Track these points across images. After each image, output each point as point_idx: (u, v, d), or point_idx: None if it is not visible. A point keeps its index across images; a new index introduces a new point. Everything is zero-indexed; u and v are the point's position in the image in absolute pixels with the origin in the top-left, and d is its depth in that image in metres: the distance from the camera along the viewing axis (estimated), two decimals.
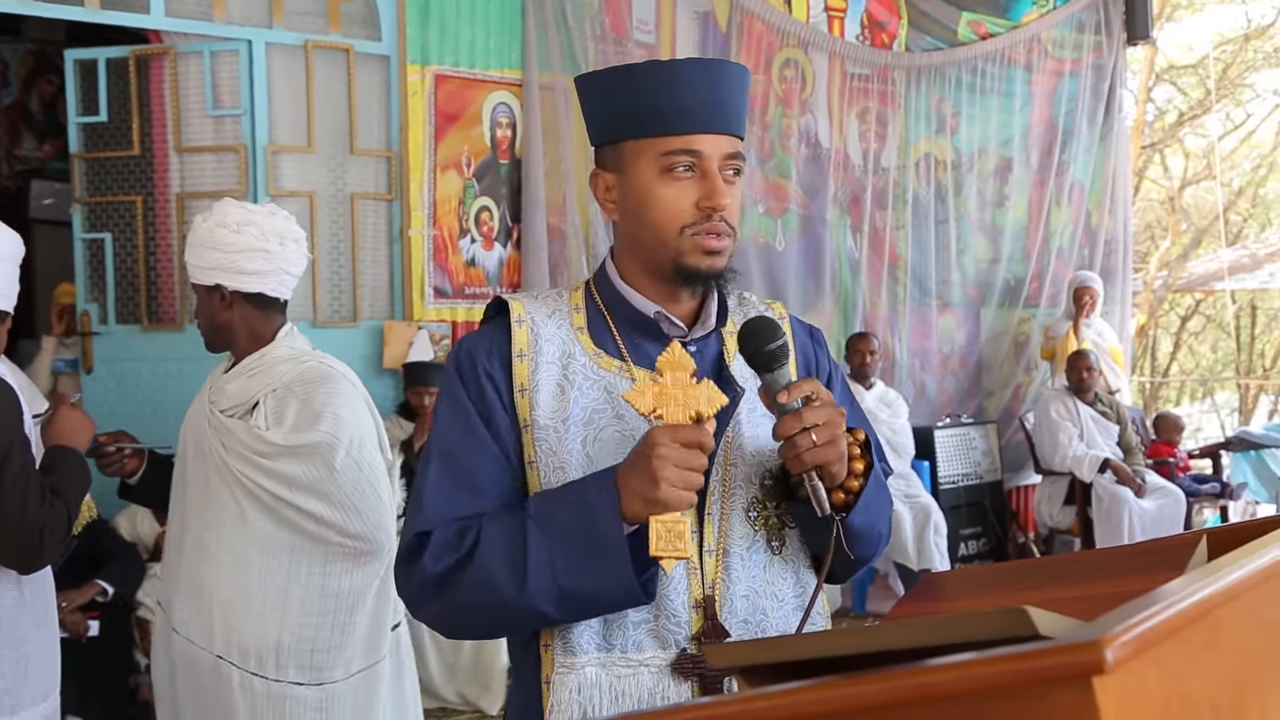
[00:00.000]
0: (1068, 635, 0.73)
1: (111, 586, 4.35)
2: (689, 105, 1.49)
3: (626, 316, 1.59)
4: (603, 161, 1.58)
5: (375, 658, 2.68)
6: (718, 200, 1.49)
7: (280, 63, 5.15)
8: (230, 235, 2.57)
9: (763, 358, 1.46)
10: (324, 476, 2.52)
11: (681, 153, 1.49)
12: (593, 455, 1.51)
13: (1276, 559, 0.97)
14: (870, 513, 1.53)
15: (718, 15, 6.44)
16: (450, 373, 1.58)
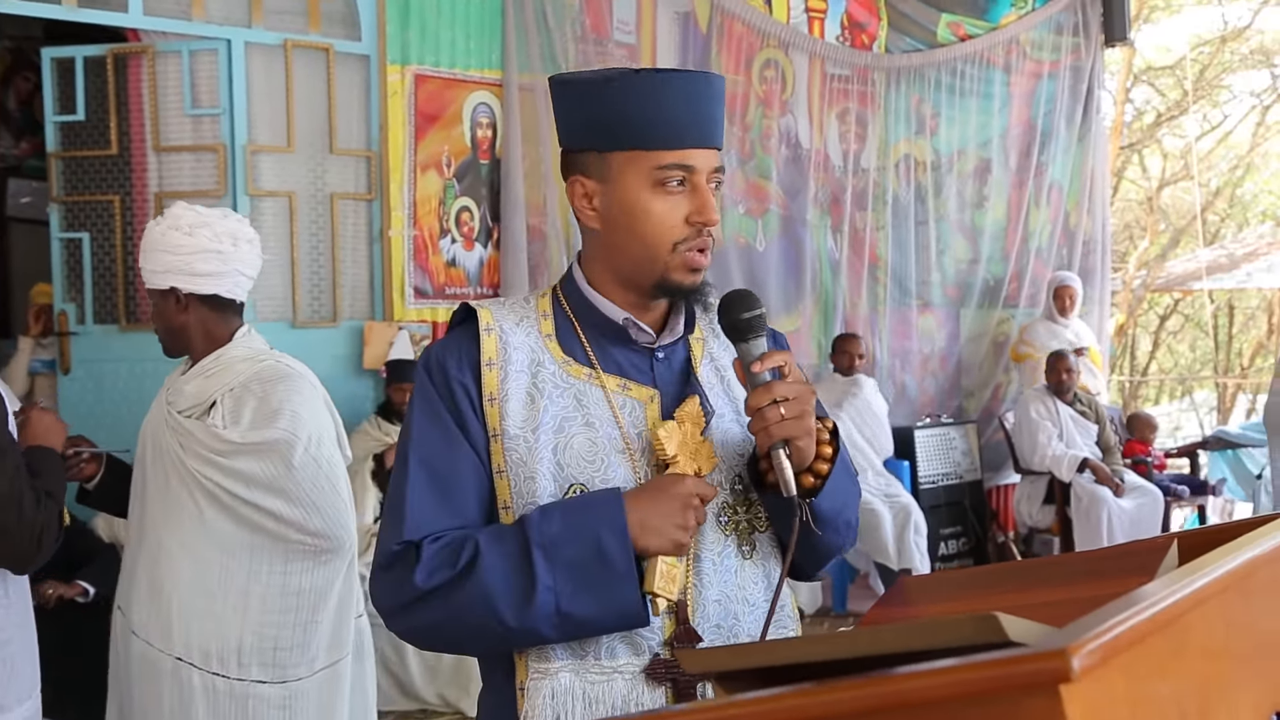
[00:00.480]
0: (1035, 643, 0.74)
1: (93, 587, 4.32)
2: (682, 119, 1.49)
3: (595, 323, 1.59)
4: (583, 168, 1.56)
5: (339, 654, 2.69)
6: (710, 215, 1.51)
7: (259, 62, 5.13)
8: (182, 238, 2.57)
9: (740, 325, 1.50)
10: (282, 474, 2.52)
11: (675, 167, 1.49)
12: (563, 463, 1.51)
13: (1242, 563, 0.98)
14: (837, 499, 1.55)
15: (698, 16, 6.44)
16: (422, 379, 1.58)
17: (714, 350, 1.66)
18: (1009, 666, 0.69)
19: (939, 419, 7.42)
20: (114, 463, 2.82)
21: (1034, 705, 0.69)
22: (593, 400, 1.55)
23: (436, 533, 1.48)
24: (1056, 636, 0.73)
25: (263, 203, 5.16)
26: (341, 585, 2.68)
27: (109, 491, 2.78)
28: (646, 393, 1.57)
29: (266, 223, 5.17)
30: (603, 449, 1.52)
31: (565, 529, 1.43)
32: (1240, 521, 1.32)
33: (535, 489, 1.50)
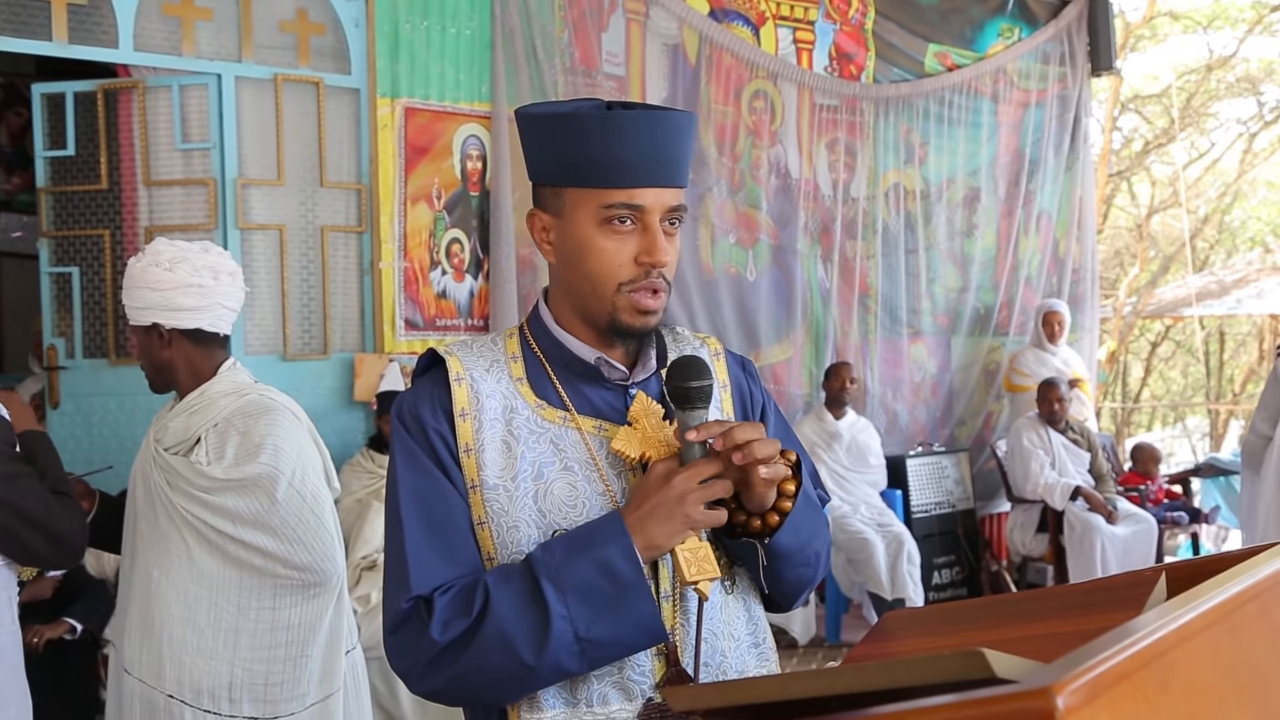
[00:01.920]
0: (1021, 680, 0.73)
1: (80, 624, 4.30)
2: (633, 158, 1.45)
3: (566, 363, 1.57)
4: (541, 202, 1.55)
5: (331, 689, 2.67)
6: (658, 256, 1.48)
7: (250, 96, 5.15)
8: (163, 273, 2.57)
9: (683, 393, 1.47)
10: (266, 509, 2.52)
11: (623, 206, 1.47)
12: (545, 510, 1.49)
13: (1229, 598, 0.98)
14: (801, 534, 1.53)
15: (687, 48, 6.48)
16: (398, 430, 1.55)
17: None
18: (994, 705, 0.69)
19: (931, 448, 7.42)
20: (107, 500, 2.83)
21: None
22: (569, 444, 1.53)
23: (445, 584, 1.45)
24: (1042, 673, 0.72)
25: (253, 236, 5.16)
26: (331, 619, 2.67)
27: (102, 529, 2.78)
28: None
29: (257, 256, 5.18)
30: (583, 493, 1.51)
31: (570, 556, 1.41)
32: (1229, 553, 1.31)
33: (519, 538, 1.48)
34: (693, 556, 1.44)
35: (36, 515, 2.42)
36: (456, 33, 5.59)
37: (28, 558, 2.51)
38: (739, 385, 1.71)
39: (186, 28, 5.02)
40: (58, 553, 2.48)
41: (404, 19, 5.42)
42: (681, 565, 1.43)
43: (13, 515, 2.40)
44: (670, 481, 1.44)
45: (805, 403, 7.01)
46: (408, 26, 5.43)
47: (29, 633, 4.03)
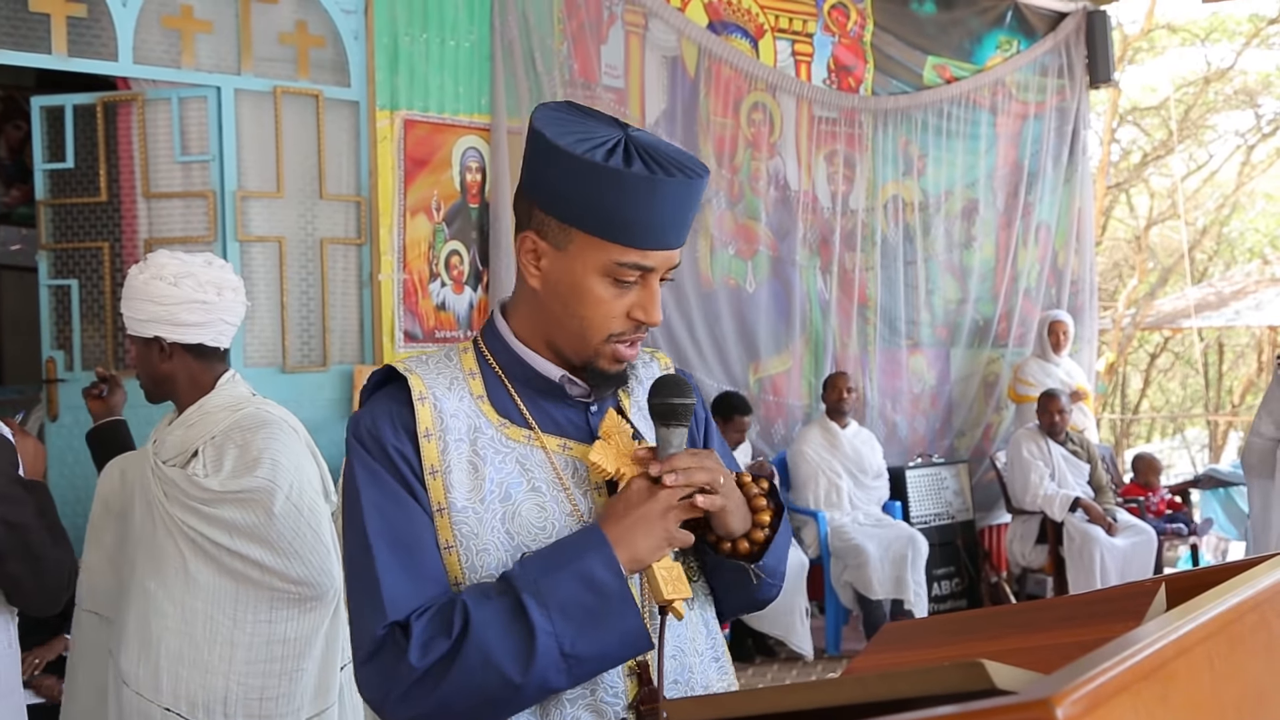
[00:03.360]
0: (1021, 692, 0.73)
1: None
2: (656, 223, 1.43)
3: (527, 380, 1.54)
4: (541, 229, 1.48)
5: (325, 704, 2.66)
6: (654, 316, 1.47)
7: (249, 108, 5.16)
8: (167, 288, 2.56)
9: (667, 409, 1.47)
10: (263, 522, 2.51)
11: (634, 267, 1.44)
12: (513, 532, 1.47)
13: (1228, 609, 0.98)
14: (777, 556, 1.56)
15: (686, 61, 6.50)
16: (357, 450, 1.49)
17: (640, 399, 1.62)
18: (994, 717, 0.69)
19: (930, 459, 7.42)
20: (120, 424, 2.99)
21: None
22: (535, 464, 1.51)
23: (420, 607, 1.40)
24: (1041, 685, 0.72)
25: (252, 248, 5.17)
26: (327, 633, 2.66)
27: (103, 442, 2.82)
28: (589, 450, 1.53)
29: (256, 268, 5.18)
30: (551, 514, 1.48)
31: (548, 570, 1.38)
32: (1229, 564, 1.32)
33: (488, 561, 1.45)
34: (669, 575, 1.42)
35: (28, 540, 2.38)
36: (456, 45, 5.61)
37: (9, 587, 2.43)
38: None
39: (186, 40, 5.03)
40: (39, 590, 2.40)
41: (403, 31, 5.44)
42: (659, 583, 1.41)
43: (7, 535, 2.35)
44: (656, 495, 1.42)
45: (805, 414, 7.01)
46: (407, 39, 5.45)
47: (28, 656, 4.00)
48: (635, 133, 1.47)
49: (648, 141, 1.46)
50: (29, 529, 2.34)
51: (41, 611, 2.43)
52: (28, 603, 2.41)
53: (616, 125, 1.47)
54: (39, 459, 2.59)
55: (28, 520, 2.35)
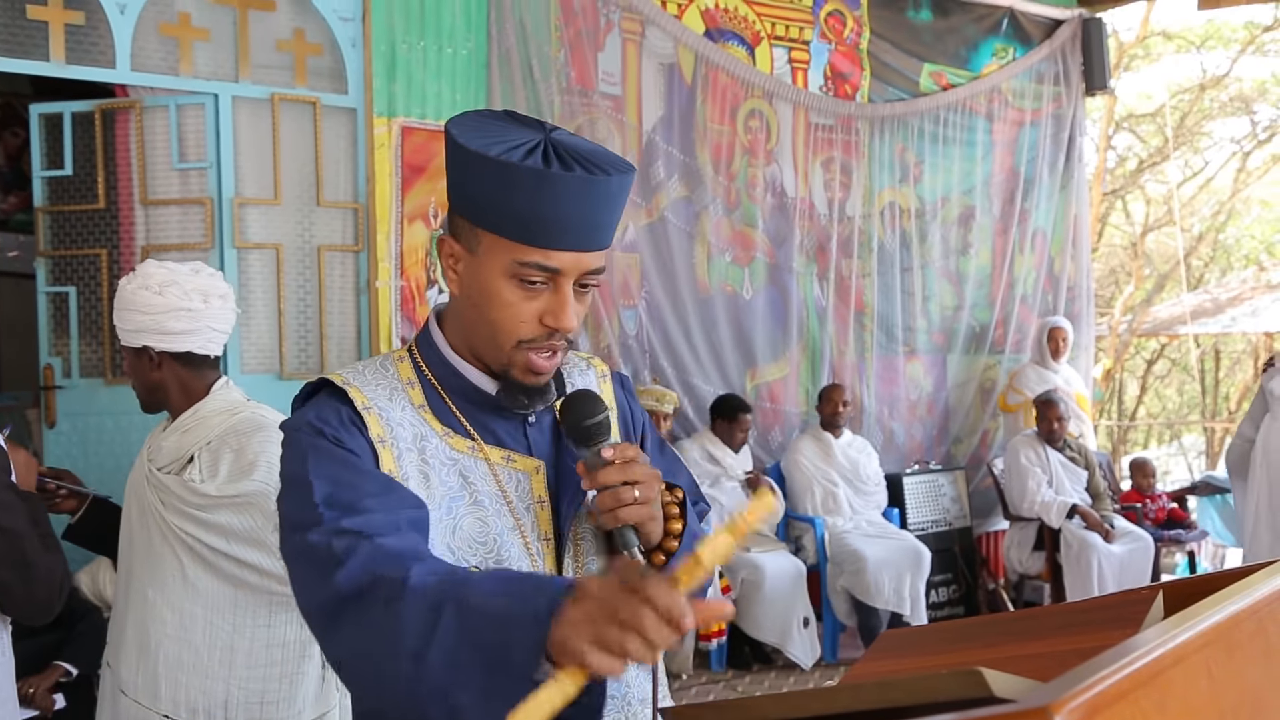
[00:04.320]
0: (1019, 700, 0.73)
1: (75, 669, 4.21)
2: (558, 220, 1.37)
3: (464, 392, 1.51)
4: (455, 231, 1.46)
5: (326, 706, 2.66)
6: (564, 321, 1.42)
7: (246, 116, 5.16)
8: (153, 297, 2.56)
9: (581, 432, 1.44)
10: (260, 526, 2.51)
11: (536, 267, 1.39)
12: (453, 547, 1.43)
13: (1226, 618, 0.98)
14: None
15: (683, 67, 6.51)
16: (297, 440, 1.42)
17: None
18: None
19: (927, 465, 7.43)
20: (100, 503, 2.82)
21: None
22: (478, 476, 1.48)
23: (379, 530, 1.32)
24: (1040, 693, 0.72)
25: (249, 255, 5.17)
26: None
27: (91, 529, 2.77)
28: (532, 464, 1.52)
29: (254, 275, 5.19)
30: (493, 529, 1.46)
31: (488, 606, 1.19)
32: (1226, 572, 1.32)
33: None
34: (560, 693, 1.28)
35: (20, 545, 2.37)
36: (453, 52, 5.62)
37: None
38: (622, 408, 1.68)
39: (184, 48, 5.03)
40: (30, 597, 2.37)
41: (400, 39, 5.44)
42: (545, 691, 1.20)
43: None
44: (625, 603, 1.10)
45: (802, 420, 7.02)
46: (404, 46, 5.45)
47: (23, 685, 3.97)
48: (557, 135, 1.42)
49: (567, 143, 1.41)
50: (21, 535, 2.33)
51: (32, 620, 2.41)
52: (18, 611, 2.40)
53: (540, 129, 1.43)
54: (30, 471, 2.58)
55: (19, 526, 2.34)
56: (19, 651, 2.64)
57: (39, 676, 4.11)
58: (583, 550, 1.53)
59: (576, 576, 1.20)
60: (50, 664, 4.17)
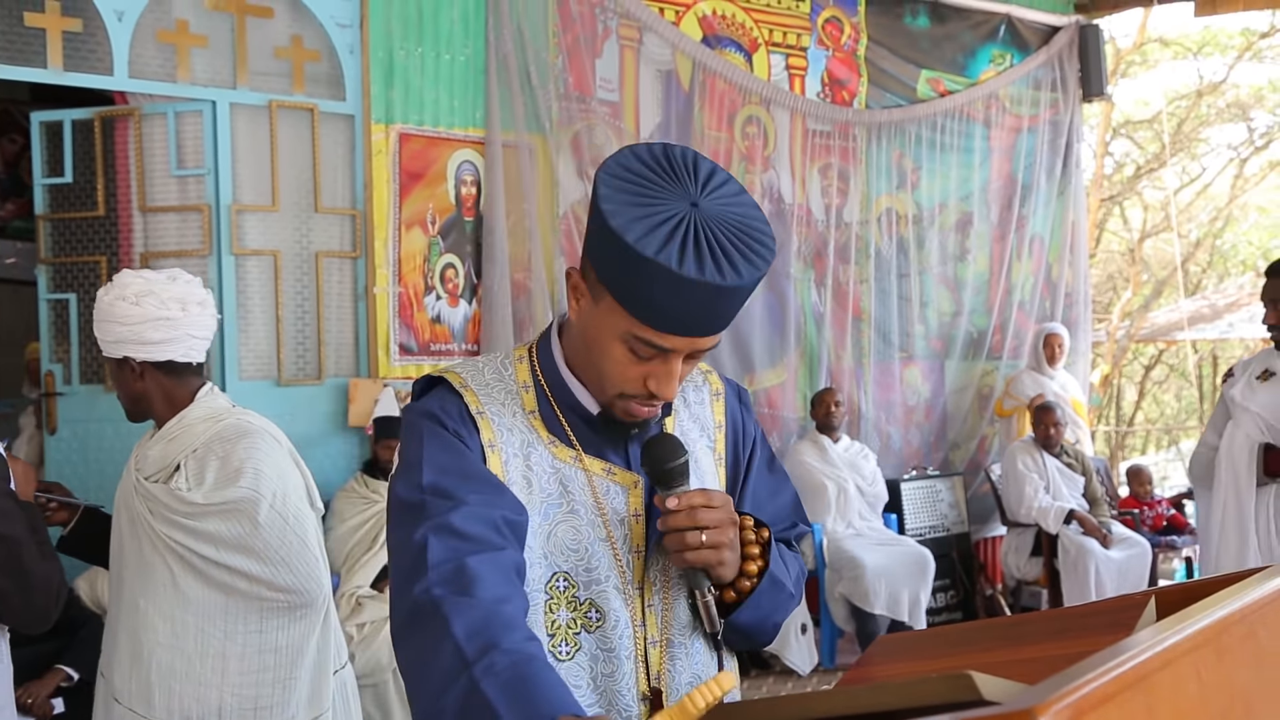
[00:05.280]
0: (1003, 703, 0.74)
1: (76, 673, 4.20)
2: (681, 316, 1.38)
3: (571, 405, 1.55)
4: (585, 273, 1.47)
5: (319, 710, 2.67)
6: (665, 392, 1.45)
7: (244, 122, 5.17)
8: (130, 308, 2.55)
9: (659, 476, 1.48)
10: (249, 532, 2.51)
11: (649, 345, 1.41)
12: (548, 552, 1.50)
13: (1215, 621, 0.99)
14: (761, 611, 1.55)
15: (680, 74, 6.52)
16: (417, 424, 1.51)
17: (685, 423, 1.64)
18: None
19: (925, 471, 7.43)
20: (92, 512, 2.82)
21: None
22: (577, 486, 1.53)
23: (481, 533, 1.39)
24: (1026, 695, 0.73)
25: (248, 261, 5.18)
26: (318, 639, 2.67)
27: (82, 540, 2.77)
28: (631, 478, 1.56)
29: (251, 281, 5.20)
30: (585, 538, 1.51)
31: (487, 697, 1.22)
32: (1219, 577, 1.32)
33: (532, 575, 1.48)
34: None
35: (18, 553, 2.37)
36: (451, 59, 5.63)
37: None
38: (734, 422, 1.70)
39: (181, 55, 5.04)
40: (27, 605, 2.39)
41: (398, 45, 5.46)
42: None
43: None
44: None
45: (800, 426, 7.02)
46: (402, 53, 5.47)
47: (22, 693, 3.96)
48: (707, 207, 1.38)
49: (713, 220, 1.37)
50: (19, 542, 2.34)
51: (29, 628, 2.41)
52: (15, 619, 2.40)
53: (688, 196, 1.38)
54: (29, 482, 2.59)
55: (18, 534, 2.34)
56: (19, 658, 2.65)
57: (39, 683, 4.11)
58: (670, 564, 1.55)
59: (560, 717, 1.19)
60: (51, 669, 4.17)
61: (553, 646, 1.49)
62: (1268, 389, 3.87)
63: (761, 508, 1.66)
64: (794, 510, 1.72)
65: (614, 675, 1.50)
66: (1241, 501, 3.84)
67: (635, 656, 1.51)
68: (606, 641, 1.50)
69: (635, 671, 1.51)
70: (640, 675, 1.51)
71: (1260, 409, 3.86)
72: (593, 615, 1.50)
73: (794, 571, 1.65)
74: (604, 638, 1.50)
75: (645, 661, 1.52)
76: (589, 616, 1.50)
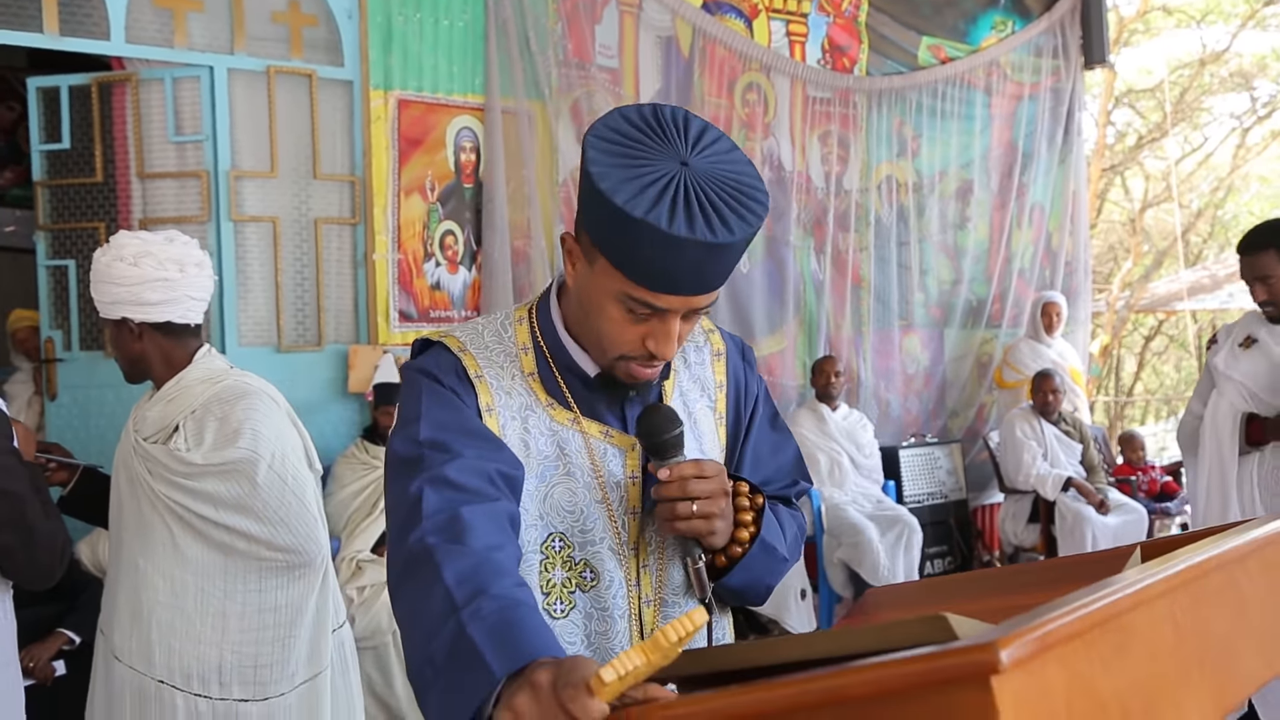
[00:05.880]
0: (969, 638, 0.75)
1: (78, 636, 4.22)
2: (674, 275, 1.37)
3: (570, 368, 1.56)
4: (579, 237, 1.47)
5: (319, 668, 2.69)
6: (664, 350, 1.45)
7: (242, 88, 5.16)
8: (127, 268, 2.56)
9: (652, 447, 1.49)
10: (248, 493, 2.53)
11: (645, 305, 1.42)
12: (543, 513, 1.51)
13: (1191, 566, 1.00)
14: (752, 575, 1.56)
15: (680, 40, 6.49)
16: (416, 381, 1.52)
17: (684, 384, 1.66)
18: (941, 660, 0.71)
19: (924, 439, 7.45)
20: (91, 473, 2.83)
21: (966, 698, 0.70)
22: (574, 448, 1.54)
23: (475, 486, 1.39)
24: (990, 631, 0.74)
25: (246, 228, 5.18)
26: (317, 598, 2.69)
27: (82, 501, 2.79)
28: (628, 441, 1.57)
29: (250, 248, 5.20)
30: (581, 499, 1.52)
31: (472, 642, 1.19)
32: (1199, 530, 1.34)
33: (527, 534, 1.50)
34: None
35: (22, 510, 2.40)
36: (450, 25, 5.61)
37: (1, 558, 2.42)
38: (736, 380, 1.71)
39: (178, 19, 5.02)
40: (32, 561, 2.41)
41: (397, 11, 5.43)
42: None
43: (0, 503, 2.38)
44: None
45: (799, 394, 7.03)
46: (400, 19, 5.45)
47: (24, 655, 3.99)
48: (697, 164, 1.37)
49: (703, 178, 1.37)
50: (23, 498, 2.36)
51: (34, 584, 2.44)
52: (20, 575, 2.42)
53: (678, 155, 1.38)
54: (30, 442, 2.60)
55: (22, 490, 2.36)
56: (20, 621, 2.67)
57: (40, 645, 4.14)
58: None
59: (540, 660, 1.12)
60: (53, 632, 4.20)
61: (547, 605, 1.50)
62: (1250, 357, 3.85)
63: (763, 464, 1.67)
64: (795, 468, 1.74)
65: (607, 634, 1.52)
66: (1225, 470, 3.83)
67: (629, 615, 1.53)
68: (600, 601, 1.52)
69: (629, 630, 1.53)
70: (634, 634, 1.53)
71: (1243, 378, 3.83)
72: (587, 575, 1.52)
73: (790, 533, 1.66)
74: (598, 597, 1.52)
75: (639, 621, 1.54)
76: (584, 576, 1.52)
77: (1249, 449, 3.83)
